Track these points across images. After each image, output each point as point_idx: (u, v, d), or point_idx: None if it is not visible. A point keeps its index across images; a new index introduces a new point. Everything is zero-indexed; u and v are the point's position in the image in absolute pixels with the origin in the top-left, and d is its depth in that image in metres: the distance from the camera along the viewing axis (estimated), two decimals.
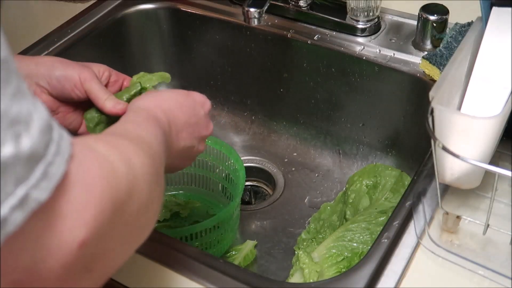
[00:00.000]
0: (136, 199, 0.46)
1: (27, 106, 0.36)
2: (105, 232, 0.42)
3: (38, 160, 0.36)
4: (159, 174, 0.53)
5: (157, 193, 0.52)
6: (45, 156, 0.36)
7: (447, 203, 0.72)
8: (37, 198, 0.36)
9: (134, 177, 0.46)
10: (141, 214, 0.48)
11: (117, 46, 1.13)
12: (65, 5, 1.12)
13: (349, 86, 1.03)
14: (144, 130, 0.57)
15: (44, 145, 0.36)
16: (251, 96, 1.16)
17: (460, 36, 0.90)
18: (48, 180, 0.36)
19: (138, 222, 0.48)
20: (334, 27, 1.02)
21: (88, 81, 0.73)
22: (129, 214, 0.46)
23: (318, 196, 1.05)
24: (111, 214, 0.42)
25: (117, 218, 0.43)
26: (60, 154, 0.38)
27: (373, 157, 1.07)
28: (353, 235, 0.85)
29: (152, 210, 0.52)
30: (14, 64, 0.37)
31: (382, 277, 0.66)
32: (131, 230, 0.47)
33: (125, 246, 0.48)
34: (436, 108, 0.62)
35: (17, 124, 0.35)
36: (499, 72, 0.67)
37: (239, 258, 0.91)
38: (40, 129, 0.36)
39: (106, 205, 0.41)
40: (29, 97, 0.37)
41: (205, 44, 1.14)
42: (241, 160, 0.92)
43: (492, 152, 0.67)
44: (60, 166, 0.37)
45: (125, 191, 0.44)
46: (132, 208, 0.46)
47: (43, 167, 0.36)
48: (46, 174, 0.36)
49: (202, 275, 0.66)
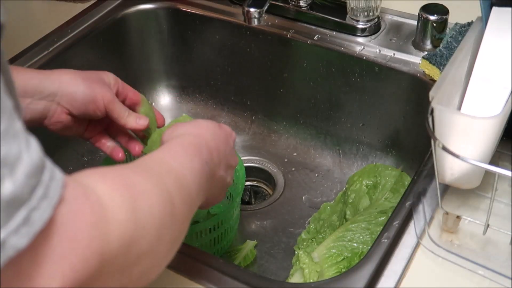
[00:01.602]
0: (136, 246, 0.43)
1: (17, 146, 0.34)
2: (91, 281, 0.39)
3: (20, 204, 0.34)
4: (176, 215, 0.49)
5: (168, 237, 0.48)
6: (29, 200, 0.34)
7: (447, 203, 0.72)
8: (15, 245, 0.33)
9: (135, 223, 0.43)
10: (143, 262, 0.45)
11: (117, 46, 1.13)
12: (65, 5, 1.12)
13: (349, 86, 1.03)
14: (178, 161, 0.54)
15: (30, 189, 0.34)
16: (251, 96, 1.16)
17: (460, 36, 0.90)
18: (29, 226, 0.34)
19: (137, 271, 0.45)
20: (334, 27, 1.02)
21: (111, 103, 0.74)
22: (125, 264, 0.42)
23: (318, 196, 1.05)
24: (97, 264, 0.39)
25: (107, 269, 0.40)
26: (48, 198, 0.35)
27: (373, 157, 1.07)
28: (353, 235, 0.85)
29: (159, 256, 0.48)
30: (6, 102, 0.35)
31: (382, 277, 0.66)
32: (126, 280, 0.44)
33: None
34: (436, 108, 0.62)
35: (2, 166, 0.33)
36: (499, 72, 0.67)
37: (239, 258, 0.91)
38: (26, 172, 0.34)
39: (91, 255, 0.38)
40: (22, 137, 0.35)
41: (205, 44, 1.14)
42: (241, 160, 0.92)
43: (492, 152, 0.67)
44: (45, 212, 0.35)
45: (119, 241, 0.41)
46: (129, 258, 0.43)
47: (25, 212, 0.34)
48: (27, 220, 0.34)
49: (202, 275, 0.66)
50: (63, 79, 0.73)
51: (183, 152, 0.57)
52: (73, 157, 1.06)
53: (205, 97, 1.20)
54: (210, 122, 0.68)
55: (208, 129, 0.65)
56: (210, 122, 0.67)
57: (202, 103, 1.21)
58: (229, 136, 0.69)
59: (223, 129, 0.69)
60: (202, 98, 1.20)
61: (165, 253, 0.49)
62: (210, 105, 1.20)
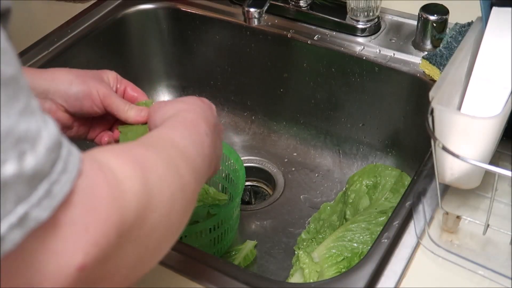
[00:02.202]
0: (150, 218, 0.44)
1: (36, 123, 0.35)
2: (109, 255, 0.40)
3: (42, 178, 0.35)
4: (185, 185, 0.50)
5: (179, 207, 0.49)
6: (50, 174, 0.35)
7: (447, 203, 0.72)
8: (37, 217, 0.34)
9: (148, 195, 0.44)
10: (156, 232, 0.45)
11: (117, 46, 1.13)
12: (65, 5, 1.12)
13: (349, 86, 1.03)
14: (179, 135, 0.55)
15: (50, 163, 0.35)
16: (251, 96, 1.16)
17: (460, 36, 0.90)
18: (51, 199, 0.35)
19: (152, 242, 0.46)
20: (334, 27, 1.02)
21: (107, 97, 0.72)
22: (140, 235, 0.43)
23: (318, 196, 1.05)
24: (116, 237, 0.40)
25: (124, 241, 0.41)
26: (67, 172, 0.36)
27: (373, 157, 1.07)
28: (353, 235, 0.85)
29: (172, 227, 0.49)
30: (24, 80, 0.36)
31: (382, 277, 0.66)
32: (142, 250, 0.45)
33: (135, 268, 0.45)
34: (436, 108, 0.62)
35: (23, 142, 0.34)
36: (499, 72, 0.67)
37: (239, 258, 0.91)
38: (47, 147, 0.35)
39: (111, 228, 0.39)
40: (39, 114, 0.36)
41: (205, 44, 1.14)
42: (241, 160, 0.92)
43: (492, 152, 0.67)
44: (65, 185, 0.36)
45: (135, 213, 0.42)
46: (143, 228, 0.43)
47: (47, 186, 0.35)
48: (49, 193, 0.35)
49: (202, 275, 0.66)
50: (56, 76, 0.72)
51: (182, 127, 0.58)
52: None
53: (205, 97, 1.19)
54: (193, 97, 0.68)
55: (195, 103, 0.66)
56: (193, 97, 0.68)
57: None
58: (211, 106, 0.69)
59: (205, 101, 0.69)
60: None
61: (178, 223, 0.50)
62: None
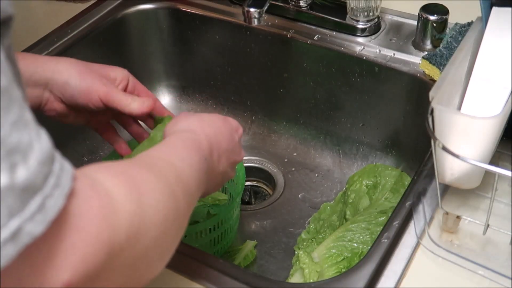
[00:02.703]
0: (142, 240, 0.44)
1: (28, 135, 0.35)
2: (98, 274, 0.39)
3: (34, 192, 0.34)
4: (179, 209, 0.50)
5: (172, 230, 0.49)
6: (43, 188, 0.35)
7: (447, 203, 0.72)
8: (31, 232, 0.34)
9: (142, 217, 0.43)
10: (147, 254, 0.45)
11: (117, 46, 1.13)
12: (65, 5, 1.12)
13: (349, 86, 1.03)
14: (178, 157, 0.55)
15: (43, 177, 0.35)
16: (251, 96, 1.16)
17: (460, 36, 0.90)
18: (45, 213, 0.35)
19: (142, 263, 0.45)
20: (334, 27, 1.02)
21: (107, 95, 0.71)
22: (130, 256, 0.43)
23: (318, 196, 1.05)
24: (106, 256, 0.39)
25: (113, 260, 0.41)
26: (60, 187, 0.36)
27: (373, 157, 1.07)
28: (353, 235, 0.85)
29: (164, 249, 0.49)
30: (16, 92, 0.35)
31: (382, 277, 0.66)
32: (132, 270, 0.45)
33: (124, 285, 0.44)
34: (436, 108, 0.62)
35: (15, 153, 0.33)
36: (499, 72, 0.67)
37: (239, 258, 0.91)
38: (39, 160, 0.35)
39: (100, 246, 0.39)
40: (32, 127, 0.36)
41: (205, 44, 1.14)
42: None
43: (492, 152, 0.67)
44: (58, 200, 0.36)
45: (127, 233, 0.41)
46: (134, 249, 0.43)
47: (40, 200, 0.34)
48: (42, 207, 0.35)
49: (202, 275, 0.66)
50: (58, 68, 0.71)
51: (182, 148, 0.57)
52: (73, 157, 1.06)
53: (205, 97, 1.20)
54: (215, 116, 0.67)
55: (211, 124, 0.65)
56: (215, 117, 0.67)
57: (202, 103, 1.21)
58: (234, 131, 0.68)
59: (228, 123, 0.68)
60: (202, 98, 1.20)
61: (170, 246, 0.50)
62: (210, 105, 1.20)
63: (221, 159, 0.65)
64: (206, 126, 0.64)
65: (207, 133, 0.62)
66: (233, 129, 0.68)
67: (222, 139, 0.65)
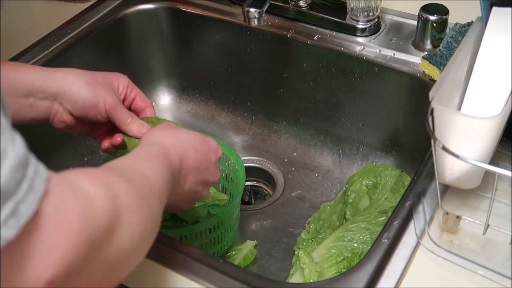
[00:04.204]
0: (119, 238, 0.45)
1: (3, 141, 0.36)
2: (78, 270, 0.41)
3: (7, 197, 0.35)
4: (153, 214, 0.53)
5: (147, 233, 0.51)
6: (16, 193, 0.36)
7: (447, 203, 0.72)
8: (4, 236, 0.35)
9: (118, 216, 0.45)
10: (124, 253, 0.47)
11: (117, 46, 1.13)
12: (65, 5, 1.12)
13: (349, 86, 1.03)
14: (150, 168, 0.57)
15: (16, 182, 0.36)
16: (251, 96, 1.16)
17: (460, 36, 0.90)
18: (17, 218, 0.36)
19: (119, 261, 0.47)
20: (334, 27, 1.02)
21: (113, 109, 0.73)
22: (109, 253, 0.45)
23: (318, 196, 1.05)
24: (86, 253, 0.41)
25: (93, 257, 0.42)
26: (33, 191, 0.37)
27: (373, 157, 1.07)
28: (353, 235, 0.85)
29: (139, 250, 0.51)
30: None
31: (382, 277, 0.66)
32: (110, 268, 0.46)
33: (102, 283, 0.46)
34: (436, 108, 0.62)
35: None
36: (499, 72, 0.67)
37: (239, 258, 0.91)
38: (12, 167, 0.36)
39: (80, 244, 0.40)
40: (7, 132, 0.36)
41: (205, 44, 1.14)
42: (241, 160, 0.92)
43: (492, 152, 0.67)
44: (31, 204, 0.37)
45: (105, 231, 0.43)
46: (113, 247, 0.45)
47: (12, 205, 0.35)
48: (15, 212, 0.36)
49: (202, 275, 0.66)
50: (67, 80, 0.73)
51: (154, 160, 0.59)
52: (73, 157, 1.06)
53: (205, 97, 1.20)
54: (193, 134, 0.69)
55: (185, 141, 0.67)
56: (193, 135, 0.69)
57: (202, 103, 1.21)
58: (212, 151, 0.70)
59: (206, 143, 0.70)
60: (202, 98, 1.20)
61: (144, 246, 0.52)
62: (210, 105, 1.20)
63: (190, 176, 0.66)
64: (179, 143, 0.66)
65: (178, 150, 0.64)
66: (210, 150, 0.70)
67: (194, 157, 0.67)
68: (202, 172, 0.68)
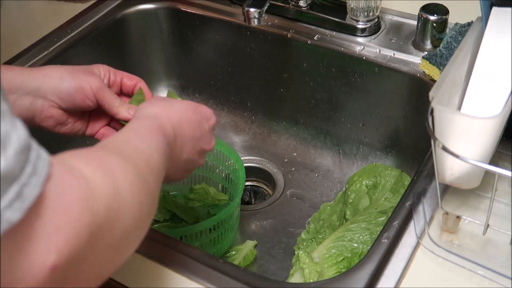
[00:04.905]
0: (120, 221, 0.46)
1: (5, 126, 0.36)
2: (82, 255, 0.41)
3: (12, 180, 0.36)
4: (151, 192, 0.53)
5: (147, 212, 0.51)
6: (20, 176, 0.36)
7: (447, 203, 0.72)
8: (9, 219, 0.35)
9: (118, 199, 0.45)
10: (126, 235, 0.47)
11: (117, 46, 1.13)
12: (65, 5, 1.12)
13: (349, 86, 1.03)
14: (145, 142, 0.57)
15: (20, 166, 0.36)
16: (251, 96, 1.16)
17: (460, 36, 0.90)
18: (22, 201, 0.36)
19: (122, 243, 0.47)
20: (334, 27, 1.02)
21: (100, 90, 0.72)
22: (111, 237, 0.45)
23: (318, 196, 1.05)
24: (88, 238, 0.41)
25: (95, 242, 0.42)
26: (36, 175, 0.37)
27: (373, 157, 1.07)
28: (353, 235, 0.85)
29: (140, 230, 0.51)
30: None
31: (382, 277, 0.66)
32: (113, 251, 0.46)
33: (106, 267, 0.47)
34: (436, 108, 0.62)
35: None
36: (499, 72, 0.67)
37: (239, 258, 0.91)
38: (16, 150, 0.36)
39: (83, 228, 0.40)
40: (8, 117, 0.37)
41: (205, 44, 1.14)
42: (241, 160, 0.92)
43: (492, 152, 0.67)
44: (35, 187, 0.37)
45: (106, 215, 0.43)
46: (114, 231, 0.45)
47: (17, 188, 0.36)
48: (20, 195, 0.36)
49: (202, 275, 0.66)
50: (46, 73, 0.72)
51: (148, 133, 0.59)
52: None
53: (205, 97, 1.20)
54: (185, 103, 0.69)
55: (178, 111, 0.67)
56: (184, 104, 0.69)
57: (202, 103, 1.20)
58: (205, 119, 0.70)
59: (199, 111, 0.70)
60: (202, 98, 1.20)
61: (144, 226, 0.52)
62: (210, 105, 1.20)
63: (186, 146, 0.66)
64: (173, 113, 0.65)
65: (172, 120, 0.64)
66: (203, 118, 0.70)
67: (188, 126, 0.66)
68: (197, 141, 0.68)
